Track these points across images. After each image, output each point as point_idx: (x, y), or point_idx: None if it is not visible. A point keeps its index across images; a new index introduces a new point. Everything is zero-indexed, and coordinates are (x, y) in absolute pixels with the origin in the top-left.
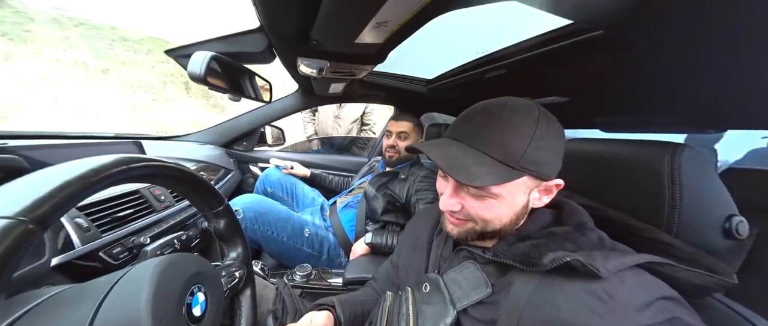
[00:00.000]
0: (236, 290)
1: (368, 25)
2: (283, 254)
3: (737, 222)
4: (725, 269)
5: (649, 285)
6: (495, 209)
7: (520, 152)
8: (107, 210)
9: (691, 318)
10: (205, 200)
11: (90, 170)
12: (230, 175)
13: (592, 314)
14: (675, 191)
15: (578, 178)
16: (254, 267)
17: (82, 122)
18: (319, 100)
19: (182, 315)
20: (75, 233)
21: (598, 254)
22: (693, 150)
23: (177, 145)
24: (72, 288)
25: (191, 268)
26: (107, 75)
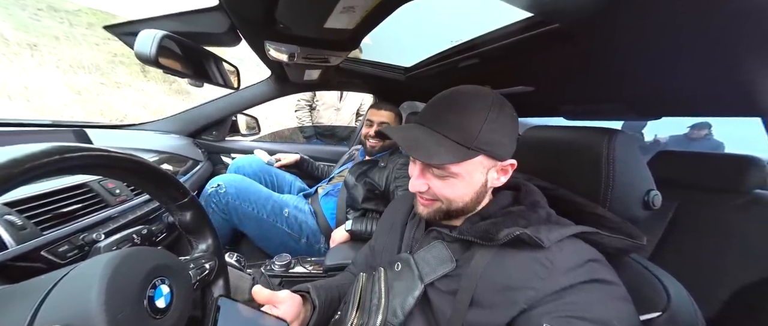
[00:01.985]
0: (207, 281)
1: (335, 10)
2: (262, 233)
3: (653, 195)
4: (639, 234)
5: (581, 250)
6: (456, 188)
7: (475, 134)
8: (48, 206)
9: (610, 275)
10: (166, 192)
11: (10, 160)
12: (199, 166)
13: (536, 278)
14: (609, 170)
15: (537, 161)
16: (230, 259)
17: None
18: (294, 87)
19: (144, 308)
20: (6, 232)
21: (543, 228)
22: (624, 135)
23: (133, 134)
24: (7, 288)
25: (151, 261)
26: (36, 51)
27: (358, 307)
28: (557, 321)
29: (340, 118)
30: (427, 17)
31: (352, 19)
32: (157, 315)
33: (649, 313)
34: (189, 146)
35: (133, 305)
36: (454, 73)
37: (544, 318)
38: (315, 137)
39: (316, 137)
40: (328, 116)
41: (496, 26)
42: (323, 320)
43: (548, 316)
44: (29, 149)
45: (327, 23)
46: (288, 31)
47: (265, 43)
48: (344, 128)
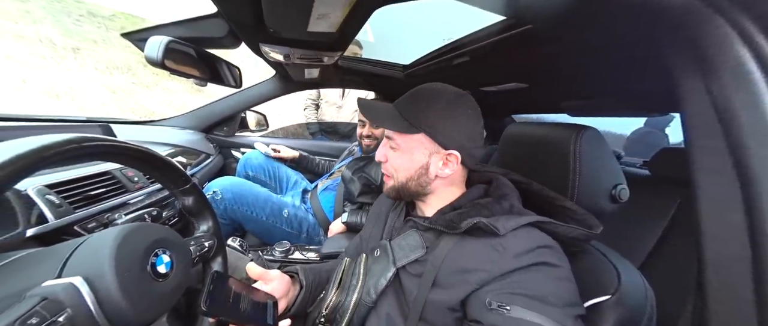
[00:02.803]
0: (206, 258)
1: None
2: (263, 233)
3: (620, 189)
4: (596, 224)
5: (533, 237)
6: (398, 160)
7: (422, 115)
8: (79, 189)
9: (556, 260)
10: (170, 178)
11: (43, 145)
12: (210, 159)
13: (489, 261)
14: (576, 164)
15: (515, 156)
16: (232, 243)
17: (57, 105)
18: (297, 85)
19: (147, 272)
20: (47, 209)
21: (502, 218)
22: (592, 131)
23: (153, 129)
24: (41, 249)
25: (153, 235)
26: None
27: (339, 287)
28: (500, 297)
29: (342, 115)
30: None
31: (332, 24)
32: (159, 278)
33: (600, 296)
34: (202, 141)
35: (138, 267)
36: (449, 70)
37: (489, 295)
38: (319, 133)
39: (321, 134)
40: (330, 113)
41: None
42: (310, 299)
43: (493, 293)
44: (57, 137)
45: (309, 28)
46: (278, 34)
47: (260, 45)
48: (346, 125)
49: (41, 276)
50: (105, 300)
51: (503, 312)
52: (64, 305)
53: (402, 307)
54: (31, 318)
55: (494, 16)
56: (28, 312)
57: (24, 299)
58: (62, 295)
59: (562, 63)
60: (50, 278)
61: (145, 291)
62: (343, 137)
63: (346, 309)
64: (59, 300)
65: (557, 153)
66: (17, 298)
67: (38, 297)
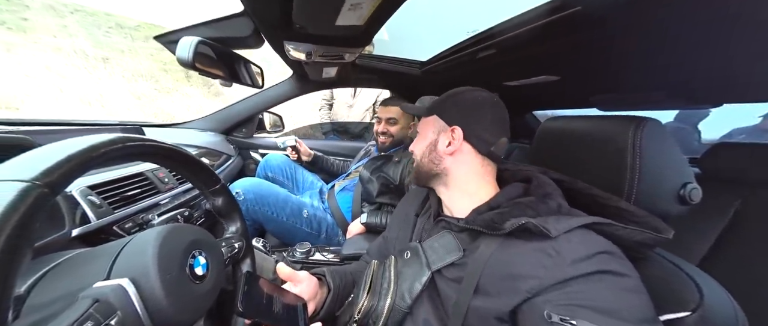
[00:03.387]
0: (236, 259)
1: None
2: (283, 233)
3: (691, 189)
4: (665, 228)
5: (592, 241)
6: (416, 143)
7: (439, 102)
8: (116, 190)
9: (623, 268)
10: (202, 179)
11: (92, 145)
12: (231, 161)
13: (540, 267)
14: (635, 161)
15: (554, 154)
16: (256, 244)
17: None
18: (313, 85)
19: (186, 273)
20: (89, 209)
21: (552, 218)
22: (655, 123)
23: (178, 132)
24: (90, 249)
25: (190, 235)
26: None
27: (369, 291)
28: (559, 309)
29: (353, 114)
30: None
31: (362, 15)
32: (197, 280)
33: (678, 312)
34: (222, 142)
35: (179, 268)
36: (470, 65)
37: (547, 306)
38: (331, 133)
39: (333, 133)
40: (342, 113)
41: (514, 13)
42: (338, 302)
43: (550, 304)
44: (104, 137)
45: (338, 21)
46: (304, 30)
47: (284, 43)
48: (357, 125)
49: (92, 276)
50: (149, 301)
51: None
52: (115, 307)
53: (439, 313)
54: (86, 321)
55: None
56: (83, 314)
57: (78, 300)
58: (112, 297)
59: (602, 52)
60: (100, 279)
61: (186, 292)
62: (355, 137)
63: (380, 314)
64: (110, 301)
65: (611, 149)
66: (72, 298)
67: (91, 299)
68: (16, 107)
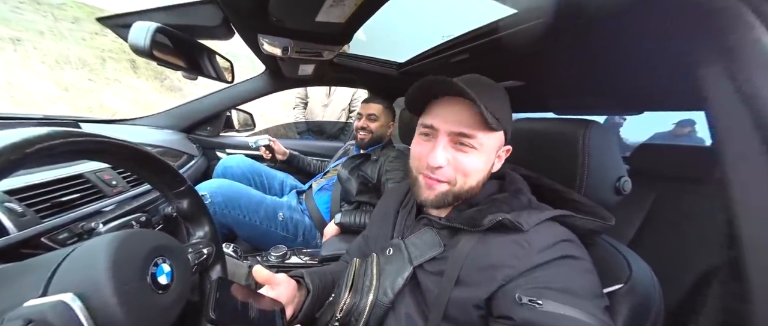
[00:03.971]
0: (205, 266)
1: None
2: (257, 237)
3: (623, 181)
4: (609, 216)
5: (555, 231)
6: (474, 162)
7: (503, 110)
8: (46, 195)
9: (578, 252)
10: (164, 180)
11: (23, 140)
12: (194, 161)
13: (514, 257)
14: (585, 158)
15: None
16: (227, 249)
17: None
18: (288, 82)
19: (147, 283)
20: (7, 219)
21: (524, 213)
22: (599, 125)
23: (126, 129)
24: (15, 264)
25: (152, 241)
26: (20, 46)
27: (351, 289)
28: (528, 292)
29: (328, 114)
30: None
31: (343, 13)
32: (160, 290)
33: (614, 285)
34: (183, 141)
35: (138, 278)
36: (446, 68)
37: (518, 291)
38: (307, 133)
39: (308, 133)
40: (316, 112)
41: (486, 21)
42: (317, 304)
43: (521, 288)
44: (41, 131)
45: (319, 16)
46: (281, 24)
47: (258, 36)
48: (333, 125)
49: (22, 295)
50: (102, 318)
51: (535, 306)
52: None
53: (420, 306)
54: None
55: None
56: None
57: (2, 323)
58: (51, 315)
59: (562, 61)
60: (34, 296)
61: (147, 305)
62: (330, 137)
63: (362, 311)
64: (47, 321)
65: (565, 148)
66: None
67: (21, 320)
68: None
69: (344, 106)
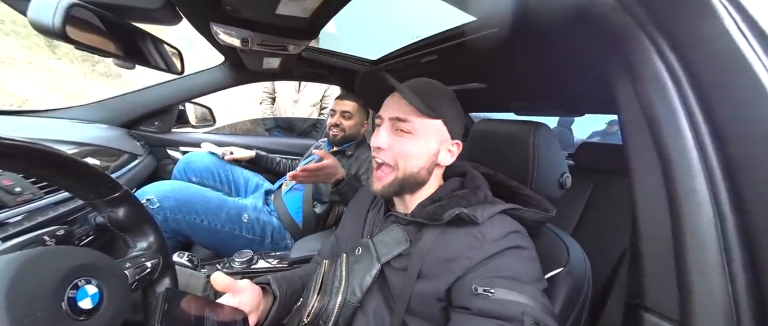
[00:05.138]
0: (149, 281)
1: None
2: (218, 243)
3: (565, 177)
4: (551, 208)
5: (506, 223)
6: (411, 146)
7: (438, 102)
8: None
9: (525, 242)
10: (90, 187)
11: None
12: (137, 161)
13: (470, 249)
14: (534, 157)
15: (482, 150)
16: (180, 259)
17: None
18: (252, 75)
19: (63, 311)
20: None
21: (480, 207)
22: (545, 127)
23: (43, 122)
24: None
25: (69, 261)
26: None
27: (320, 291)
28: (483, 282)
29: (299, 110)
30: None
31: (306, 7)
32: (82, 316)
33: (555, 269)
34: (122, 138)
35: (47, 307)
36: (417, 68)
37: (474, 281)
38: (276, 129)
39: (277, 130)
40: (285, 108)
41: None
42: (285, 310)
43: (477, 278)
44: None
45: (279, 9)
46: (237, 14)
47: (210, 24)
48: (303, 121)
49: None
50: None
51: (488, 295)
52: None
53: (388, 302)
54: None
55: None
56: None
57: None
58: None
59: (516, 66)
60: None
61: None
62: (301, 134)
63: (330, 313)
64: None
65: (518, 147)
66: None
67: None
68: None
69: (315, 101)
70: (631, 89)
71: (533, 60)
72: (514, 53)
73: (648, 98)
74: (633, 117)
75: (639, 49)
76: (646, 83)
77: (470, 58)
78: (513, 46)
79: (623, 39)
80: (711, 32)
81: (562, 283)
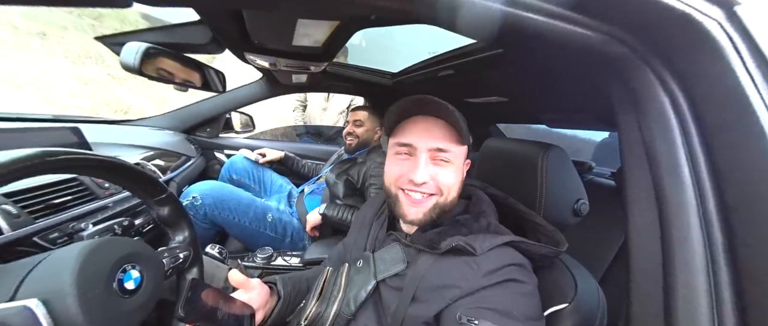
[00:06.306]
0: (182, 269)
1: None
2: (246, 238)
3: (581, 204)
4: (562, 241)
5: (504, 256)
6: (451, 175)
7: (462, 125)
8: (40, 197)
9: (523, 276)
10: (144, 188)
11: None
12: (191, 162)
13: (463, 278)
14: (542, 180)
15: (492, 170)
16: (212, 250)
17: (18, 95)
18: (284, 89)
19: (113, 290)
20: (2, 220)
21: (480, 237)
22: (557, 149)
23: (128, 130)
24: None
25: (121, 250)
26: (45, 41)
27: (319, 297)
28: (469, 312)
29: (327, 117)
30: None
31: (317, 40)
32: (126, 295)
33: (559, 305)
34: (182, 142)
35: (103, 286)
36: (436, 81)
37: (460, 310)
38: (305, 136)
39: (307, 136)
40: (315, 115)
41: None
42: (289, 309)
43: (463, 308)
44: (21, 153)
45: (294, 42)
46: (263, 46)
47: (245, 54)
48: (330, 128)
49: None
50: (65, 322)
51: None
52: None
53: (380, 320)
54: None
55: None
56: None
57: None
58: (15, 319)
59: (533, 82)
60: (2, 301)
61: (111, 309)
62: (328, 140)
63: (325, 320)
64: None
65: (527, 168)
66: None
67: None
68: None
69: (342, 109)
70: (633, 119)
71: (551, 76)
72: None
73: (650, 133)
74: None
75: (642, 80)
76: (650, 117)
77: (487, 73)
78: (522, 64)
79: (624, 69)
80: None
81: (566, 320)
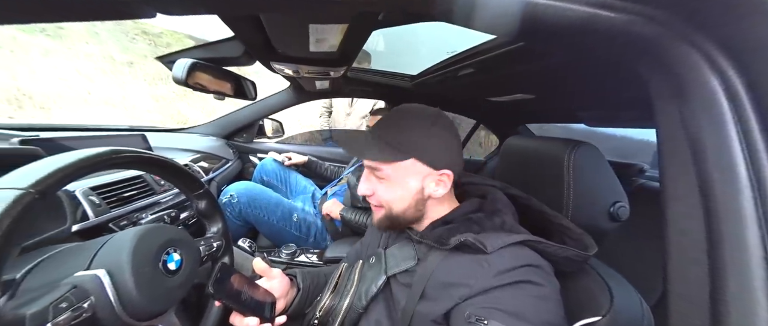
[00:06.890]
0: (215, 257)
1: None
2: (274, 235)
3: (619, 207)
4: (591, 245)
5: (520, 256)
6: (389, 193)
7: (408, 138)
8: (114, 191)
9: (541, 279)
10: (185, 184)
11: (81, 158)
12: (229, 164)
13: (472, 277)
14: (569, 179)
15: (513, 171)
16: (243, 244)
17: (112, 113)
18: (310, 95)
19: (158, 268)
20: (89, 208)
21: (492, 235)
22: (588, 146)
23: (180, 137)
24: (77, 244)
25: (166, 235)
26: (132, 68)
27: (334, 291)
28: (478, 311)
29: (350, 122)
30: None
31: (332, 45)
32: (169, 274)
33: (590, 317)
34: (223, 147)
35: (151, 264)
36: (456, 80)
37: (469, 309)
38: (330, 140)
39: (331, 140)
40: (340, 120)
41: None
42: (307, 301)
43: (473, 307)
44: (93, 152)
45: (311, 48)
46: (285, 54)
47: (271, 63)
48: None
49: (74, 267)
50: (122, 290)
51: (480, 325)
52: (89, 293)
53: (391, 315)
54: (62, 302)
55: None
56: (61, 297)
57: (59, 286)
58: (89, 284)
59: (560, 76)
60: (81, 269)
61: (157, 284)
62: None
63: (338, 312)
64: (86, 288)
65: (552, 168)
66: (55, 285)
67: (70, 285)
68: (49, 107)
69: (364, 113)
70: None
71: (579, 68)
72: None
73: (696, 122)
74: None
75: (685, 62)
76: (695, 103)
77: (509, 68)
78: (545, 57)
79: (662, 52)
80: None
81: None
